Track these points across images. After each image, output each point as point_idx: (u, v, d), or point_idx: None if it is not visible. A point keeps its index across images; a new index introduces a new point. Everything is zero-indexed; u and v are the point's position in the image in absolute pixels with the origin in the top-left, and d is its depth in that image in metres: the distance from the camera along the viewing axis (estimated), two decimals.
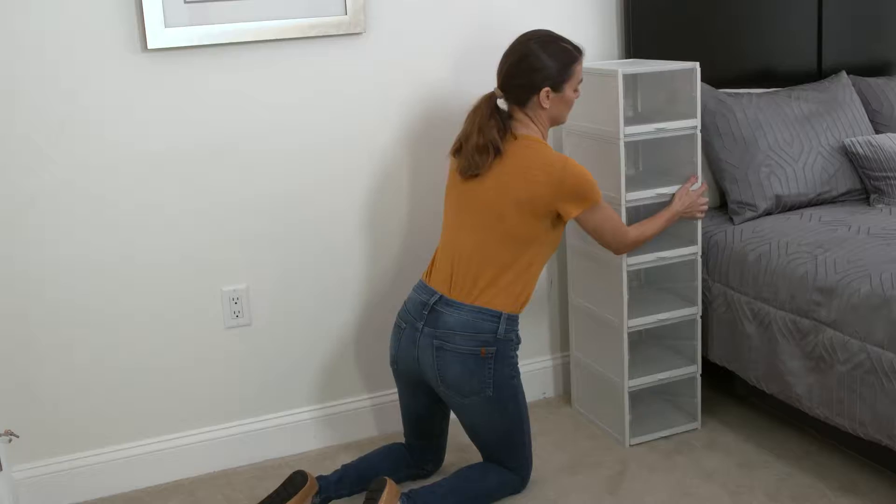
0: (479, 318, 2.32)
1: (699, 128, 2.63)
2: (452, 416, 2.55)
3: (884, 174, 2.86)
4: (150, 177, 2.54)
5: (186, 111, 2.54)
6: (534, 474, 2.55)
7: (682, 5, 2.97)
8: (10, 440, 2.41)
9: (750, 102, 2.94)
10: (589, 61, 2.65)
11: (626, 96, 2.65)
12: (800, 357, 2.46)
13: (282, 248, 2.71)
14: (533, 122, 2.39)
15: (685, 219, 2.66)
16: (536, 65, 2.33)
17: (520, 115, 2.39)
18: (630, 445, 2.74)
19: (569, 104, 2.42)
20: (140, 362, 2.63)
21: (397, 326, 2.45)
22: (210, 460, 2.74)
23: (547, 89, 2.34)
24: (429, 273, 2.45)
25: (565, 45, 2.37)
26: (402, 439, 2.63)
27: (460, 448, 2.74)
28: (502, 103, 2.41)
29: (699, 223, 2.70)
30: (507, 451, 2.43)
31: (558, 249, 2.99)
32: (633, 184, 2.67)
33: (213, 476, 2.73)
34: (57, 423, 2.58)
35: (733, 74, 3.10)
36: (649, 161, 2.87)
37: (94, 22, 2.41)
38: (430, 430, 2.55)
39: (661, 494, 2.47)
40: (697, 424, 2.81)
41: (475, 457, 2.60)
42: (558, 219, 2.37)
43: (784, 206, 2.87)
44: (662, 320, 2.72)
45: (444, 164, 2.73)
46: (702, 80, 2.78)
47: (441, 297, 2.36)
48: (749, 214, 2.83)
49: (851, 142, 2.92)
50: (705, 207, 2.67)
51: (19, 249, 2.46)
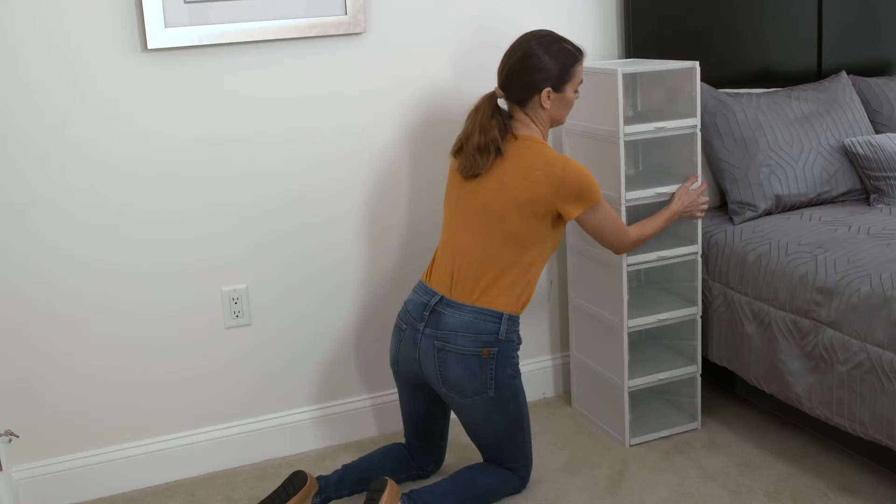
0: (480, 318, 2.32)
1: (699, 127, 2.63)
2: (453, 416, 2.55)
3: (884, 174, 2.86)
4: (150, 177, 2.54)
5: (186, 111, 2.54)
6: (534, 474, 2.55)
7: (682, 5, 2.97)
8: (10, 440, 2.41)
9: (750, 102, 2.94)
10: (589, 61, 2.65)
11: (625, 96, 2.65)
12: (800, 357, 2.46)
13: (282, 248, 2.71)
14: (533, 122, 2.39)
15: (685, 218, 2.66)
16: (538, 65, 2.33)
17: (520, 115, 2.39)
18: (630, 445, 2.74)
19: (569, 105, 2.42)
20: (140, 362, 2.63)
21: (397, 328, 2.45)
22: (210, 460, 2.74)
23: (548, 89, 2.34)
24: (429, 274, 2.45)
25: (567, 45, 2.37)
26: (402, 439, 2.63)
27: (460, 448, 2.74)
28: (503, 103, 2.41)
29: (699, 223, 2.70)
30: (508, 452, 2.43)
31: (558, 249, 2.99)
32: (632, 183, 2.67)
33: (213, 476, 2.73)
34: (57, 423, 2.58)
35: (733, 74, 3.10)
36: (649, 160, 2.87)
37: (94, 22, 2.41)
38: (431, 431, 2.55)
39: (661, 494, 2.47)
40: (697, 424, 2.81)
41: (475, 457, 2.60)
42: (559, 219, 2.37)
43: (784, 206, 2.87)
44: (662, 320, 2.72)
45: (444, 165, 2.73)
46: (702, 80, 2.78)
47: (442, 298, 2.36)
48: (749, 214, 2.83)
49: (851, 142, 2.92)
50: (705, 206, 2.67)
51: (19, 249, 2.46)
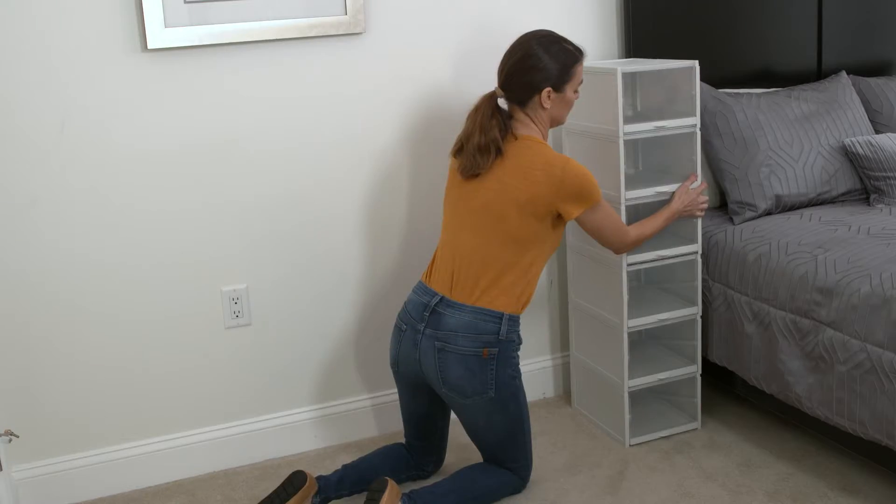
0: (480, 319, 2.32)
1: (698, 126, 2.63)
2: (453, 416, 2.55)
3: (884, 174, 2.86)
4: (150, 177, 2.54)
5: (186, 111, 2.54)
6: (534, 474, 2.55)
7: (682, 5, 2.97)
8: (10, 440, 2.41)
9: (750, 102, 2.94)
10: (588, 61, 2.65)
11: (625, 95, 2.65)
12: (800, 357, 2.46)
13: (282, 248, 2.71)
14: (533, 122, 2.39)
15: (685, 217, 2.66)
16: (538, 65, 2.33)
17: (520, 115, 2.39)
18: (630, 445, 2.74)
19: (569, 105, 2.42)
20: (140, 362, 2.63)
21: (398, 328, 2.45)
22: (210, 460, 2.74)
23: (549, 89, 2.34)
24: (428, 274, 2.45)
25: (567, 45, 2.37)
26: (402, 439, 2.63)
27: (460, 448, 2.74)
28: (502, 103, 2.41)
29: (699, 222, 2.70)
30: (508, 452, 2.43)
31: (558, 249, 2.99)
32: (632, 182, 2.67)
33: (213, 476, 2.73)
34: (57, 423, 2.58)
35: (733, 74, 3.10)
36: (649, 159, 2.87)
37: (94, 22, 2.41)
38: (431, 431, 2.55)
39: (661, 494, 2.47)
40: (697, 424, 2.81)
41: (475, 457, 2.60)
42: (559, 219, 2.37)
43: (784, 206, 2.87)
44: (662, 320, 2.72)
45: (444, 165, 2.73)
46: (702, 80, 2.78)
47: (442, 298, 2.36)
48: (749, 214, 2.83)
49: (851, 142, 2.92)
50: (705, 206, 2.67)
51: (19, 249, 2.46)
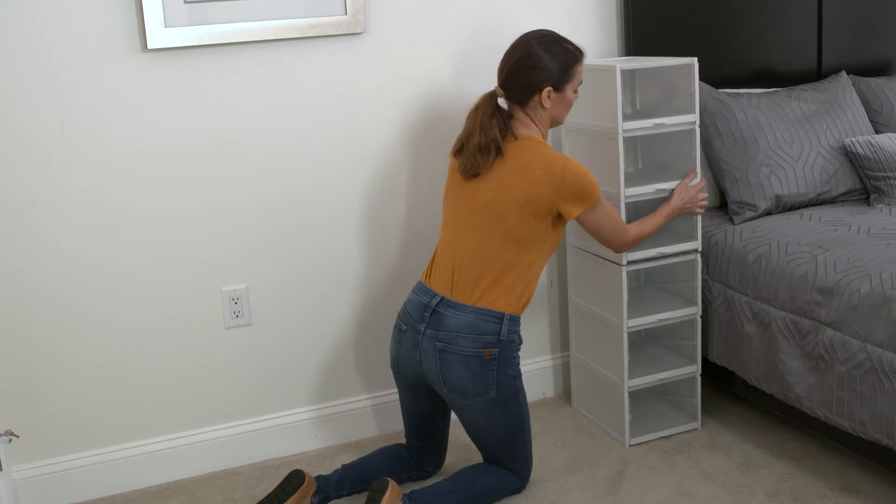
0: (481, 319, 2.32)
1: (698, 123, 2.63)
2: (453, 416, 2.55)
3: (884, 174, 2.86)
4: (150, 177, 2.54)
5: (186, 111, 2.54)
6: (534, 474, 2.55)
7: (681, 6, 2.97)
8: (10, 440, 2.41)
9: (750, 102, 2.94)
10: (588, 60, 2.65)
11: (624, 92, 2.65)
12: (800, 357, 2.46)
13: (282, 248, 2.71)
14: (533, 121, 2.39)
15: (685, 214, 2.66)
16: (538, 64, 2.33)
17: (520, 114, 2.39)
18: (630, 445, 2.74)
19: (568, 105, 2.42)
20: (140, 362, 2.63)
21: (398, 328, 2.44)
22: (210, 460, 2.74)
23: (549, 89, 2.34)
24: (428, 274, 2.44)
25: (567, 45, 2.37)
26: (403, 439, 2.63)
27: (461, 448, 2.74)
28: (502, 102, 2.41)
29: (699, 219, 2.69)
30: (508, 452, 2.43)
31: (558, 249, 2.99)
32: (632, 180, 2.67)
33: (213, 476, 2.73)
34: (57, 423, 2.58)
35: (733, 74, 3.10)
36: (648, 157, 2.86)
37: (94, 22, 2.41)
38: (432, 431, 2.55)
39: (661, 494, 2.47)
40: (697, 424, 2.81)
41: (475, 457, 2.60)
42: (559, 218, 2.37)
43: (784, 206, 2.87)
44: (662, 320, 2.72)
45: (444, 165, 2.73)
46: (702, 80, 2.78)
47: (443, 298, 2.36)
48: (749, 214, 2.83)
49: (851, 142, 2.92)
50: (705, 203, 2.66)
51: (19, 249, 2.46)
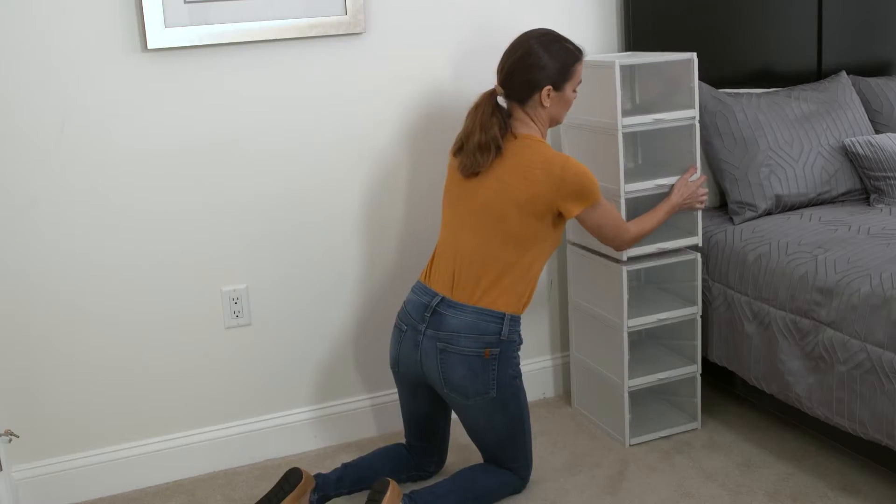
0: (482, 319, 2.32)
1: (697, 118, 2.63)
2: (454, 416, 2.55)
3: (884, 174, 2.86)
4: (150, 177, 2.54)
5: (186, 111, 2.54)
6: (534, 474, 2.55)
7: (681, 6, 2.97)
8: (10, 440, 2.41)
9: (750, 102, 2.94)
10: (587, 56, 2.64)
11: (624, 88, 2.64)
12: (800, 357, 2.46)
13: (282, 248, 2.71)
14: (533, 120, 2.38)
15: (685, 210, 2.66)
16: (538, 63, 2.33)
17: (519, 113, 2.39)
18: (630, 445, 2.74)
19: (568, 104, 2.42)
20: (140, 362, 2.63)
21: (397, 328, 2.44)
22: (210, 460, 2.74)
23: (548, 88, 2.34)
24: (428, 273, 2.44)
25: (567, 45, 2.37)
26: (402, 439, 2.63)
27: (461, 448, 2.74)
28: (502, 101, 2.41)
29: (699, 215, 2.69)
30: (508, 452, 2.43)
31: (558, 249, 2.99)
32: (632, 175, 2.67)
33: (213, 476, 2.73)
34: (57, 423, 2.58)
35: (733, 74, 3.10)
36: (648, 153, 2.86)
37: (94, 22, 2.41)
38: (432, 431, 2.55)
39: (661, 494, 2.47)
40: (697, 424, 2.81)
41: (475, 457, 2.60)
42: (559, 218, 2.37)
43: (784, 206, 2.87)
44: (662, 320, 2.72)
45: (443, 165, 2.73)
46: (702, 79, 2.78)
47: (443, 298, 2.35)
48: (749, 214, 2.83)
49: (851, 142, 2.92)
50: (705, 198, 2.66)
51: (19, 249, 2.46)
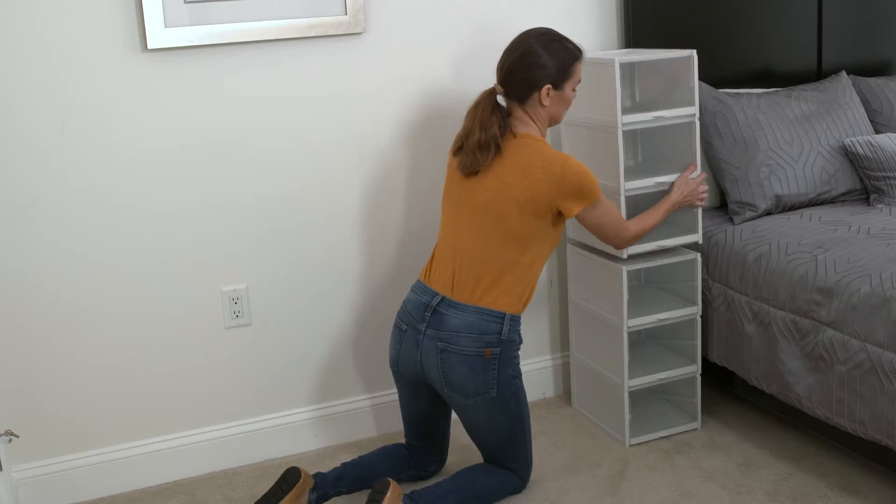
0: (482, 319, 2.32)
1: (697, 115, 2.63)
2: (454, 416, 2.55)
3: (884, 174, 2.86)
4: (150, 177, 2.54)
5: (186, 111, 2.54)
6: (534, 474, 2.55)
7: (681, 6, 2.97)
8: (10, 440, 2.41)
9: (750, 102, 2.94)
10: (587, 54, 2.65)
11: (623, 86, 2.64)
12: (800, 357, 2.46)
13: (282, 248, 2.71)
14: (532, 119, 2.38)
15: (685, 207, 2.65)
16: (538, 62, 2.33)
17: (519, 112, 2.39)
18: (630, 445, 2.74)
19: (567, 103, 2.42)
20: (140, 362, 2.63)
21: (397, 328, 2.44)
22: (210, 460, 2.74)
23: (548, 87, 2.34)
24: (428, 273, 2.44)
25: (567, 44, 2.37)
26: (402, 439, 2.63)
27: (461, 448, 2.74)
28: (501, 100, 2.41)
29: (699, 213, 2.69)
30: (508, 451, 2.43)
31: (558, 249, 2.99)
32: (632, 173, 2.67)
33: (213, 476, 2.73)
34: (57, 423, 2.58)
35: (733, 74, 3.10)
36: (648, 150, 2.86)
37: (94, 22, 2.41)
38: (432, 431, 2.55)
39: (661, 494, 2.47)
40: (697, 424, 2.81)
41: (476, 457, 2.60)
42: (559, 216, 2.37)
43: (784, 206, 2.87)
44: (662, 320, 2.72)
45: (443, 164, 2.73)
46: (701, 79, 2.77)
47: (443, 298, 2.35)
48: (749, 214, 2.83)
49: (851, 142, 2.92)
50: (705, 195, 2.66)
51: (19, 249, 2.46)
